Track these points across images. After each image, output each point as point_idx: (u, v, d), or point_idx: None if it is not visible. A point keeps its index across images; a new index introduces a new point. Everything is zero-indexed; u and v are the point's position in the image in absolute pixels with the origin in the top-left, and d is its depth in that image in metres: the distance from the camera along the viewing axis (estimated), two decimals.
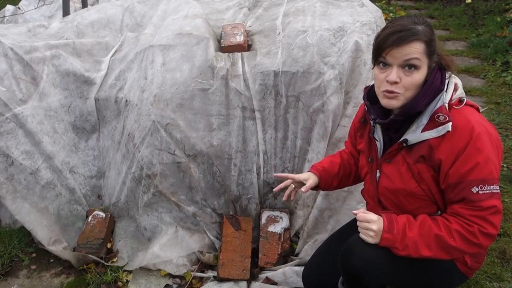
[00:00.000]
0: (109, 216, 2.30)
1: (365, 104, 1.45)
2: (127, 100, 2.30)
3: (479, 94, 3.72)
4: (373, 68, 1.33)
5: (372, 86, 1.40)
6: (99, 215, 2.30)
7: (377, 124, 1.40)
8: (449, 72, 1.33)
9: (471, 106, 1.31)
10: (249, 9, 2.84)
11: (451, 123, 1.23)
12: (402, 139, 1.32)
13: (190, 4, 2.65)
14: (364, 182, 1.58)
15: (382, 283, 1.43)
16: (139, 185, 2.22)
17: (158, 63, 2.21)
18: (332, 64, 2.10)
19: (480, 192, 1.21)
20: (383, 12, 2.96)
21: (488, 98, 3.65)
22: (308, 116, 2.12)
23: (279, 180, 2.18)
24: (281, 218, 2.20)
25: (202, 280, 2.06)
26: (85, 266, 2.11)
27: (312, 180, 1.61)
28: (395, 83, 1.25)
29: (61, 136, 2.38)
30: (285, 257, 2.12)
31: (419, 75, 1.25)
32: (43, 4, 3.80)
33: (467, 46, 4.91)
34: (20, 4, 4.21)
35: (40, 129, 2.31)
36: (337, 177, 1.67)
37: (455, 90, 1.30)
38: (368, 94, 1.42)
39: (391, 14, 5.90)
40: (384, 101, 1.30)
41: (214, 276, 2.03)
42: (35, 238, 2.22)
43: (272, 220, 2.20)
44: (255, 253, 2.14)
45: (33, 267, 2.16)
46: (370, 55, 1.37)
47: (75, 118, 2.44)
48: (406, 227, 1.28)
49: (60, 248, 2.16)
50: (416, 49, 1.22)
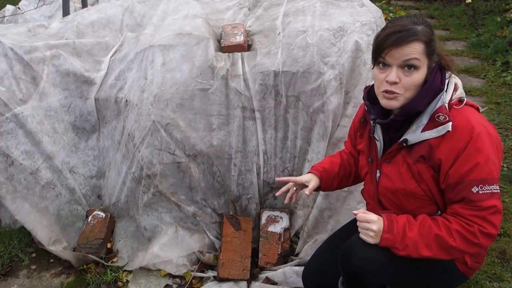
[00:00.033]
0: (109, 216, 2.30)
1: (365, 104, 1.45)
2: (127, 100, 2.30)
3: (479, 94, 3.72)
4: (372, 68, 1.33)
5: (372, 86, 1.40)
6: (99, 215, 2.30)
7: (377, 124, 1.40)
8: (449, 72, 1.33)
9: (471, 106, 1.31)
10: (249, 9, 2.84)
11: (451, 123, 1.23)
12: (402, 139, 1.32)
13: (190, 4, 2.65)
14: (364, 182, 1.58)
15: (382, 283, 1.43)
16: (139, 185, 2.22)
17: (158, 63, 2.21)
18: (332, 64, 2.10)
19: (480, 192, 1.21)
20: (383, 12, 2.96)
21: (488, 98, 3.65)
22: (308, 116, 2.12)
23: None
24: (281, 218, 2.20)
25: (202, 280, 2.06)
26: (85, 266, 2.11)
27: (314, 181, 1.61)
28: (395, 83, 1.25)
29: (61, 136, 2.38)
30: (285, 257, 2.12)
31: (419, 75, 1.25)
32: (43, 4, 3.80)
33: (467, 46, 4.90)
34: (20, 4, 4.21)
35: (40, 129, 2.31)
36: (337, 177, 1.67)
37: (455, 90, 1.30)
38: (368, 94, 1.42)
39: (391, 14, 5.89)
40: (384, 101, 1.30)
41: (214, 276, 2.04)
42: (35, 238, 2.22)
43: (272, 220, 2.20)
44: (255, 253, 2.14)
45: (33, 267, 2.16)
46: (370, 55, 1.37)
47: (75, 118, 2.44)
48: (406, 227, 1.28)
49: (60, 248, 2.16)
50: (415, 49, 1.22)
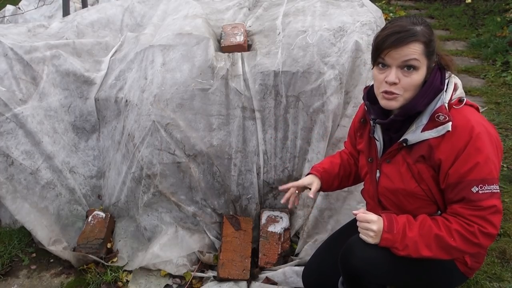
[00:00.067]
0: (109, 216, 2.30)
1: (365, 104, 1.45)
2: (127, 100, 2.30)
3: (479, 94, 3.72)
4: (372, 68, 1.33)
5: (372, 86, 1.40)
6: (99, 215, 2.30)
7: (377, 124, 1.41)
8: (449, 72, 1.33)
9: (471, 106, 1.31)
10: (249, 9, 2.84)
11: (451, 123, 1.23)
12: (402, 139, 1.32)
13: (190, 4, 2.65)
14: (364, 182, 1.58)
15: (382, 283, 1.43)
16: (139, 185, 2.22)
17: (158, 63, 2.21)
18: (332, 64, 2.10)
19: (480, 191, 1.21)
20: (383, 12, 2.96)
21: (488, 98, 3.65)
22: (308, 116, 2.12)
23: (280, 180, 2.19)
24: (281, 218, 2.20)
25: (202, 280, 2.06)
26: (85, 266, 2.11)
27: (316, 183, 1.61)
28: (394, 84, 1.25)
29: (61, 136, 2.38)
30: (285, 257, 2.12)
31: (418, 76, 1.25)
32: (43, 4, 3.80)
33: (467, 46, 4.90)
34: (20, 4, 4.21)
35: (40, 129, 2.31)
36: (337, 177, 1.67)
37: (455, 90, 1.30)
38: (368, 94, 1.42)
39: (391, 14, 5.89)
40: (383, 102, 1.30)
41: (214, 276, 2.03)
42: (35, 238, 2.22)
43: (272, 220, 2.20)
44: (255, 253, 2.14)
45: (33, 267, 2.16)
46: (370, 55, 1.37)
47: (75, 118, 2.44)
48: (406, 227, 1.28)
49: (60, 248, 2.16)
50: (414, 50, 1.22)
